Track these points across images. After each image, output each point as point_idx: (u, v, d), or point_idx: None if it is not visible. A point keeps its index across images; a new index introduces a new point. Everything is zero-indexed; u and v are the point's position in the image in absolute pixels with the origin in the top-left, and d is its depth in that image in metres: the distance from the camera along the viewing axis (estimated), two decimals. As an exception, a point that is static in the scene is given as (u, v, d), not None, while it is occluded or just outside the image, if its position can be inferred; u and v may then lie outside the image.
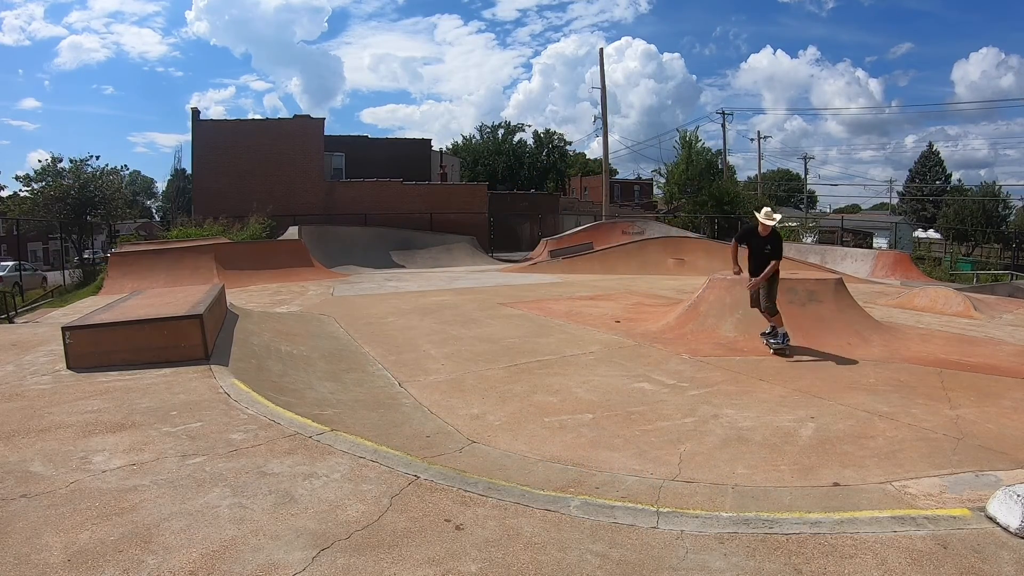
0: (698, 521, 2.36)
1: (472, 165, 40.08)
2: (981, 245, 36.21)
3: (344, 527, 2.25)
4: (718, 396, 4.53)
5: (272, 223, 19.42)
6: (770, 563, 2.05)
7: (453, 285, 12.83)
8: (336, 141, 26.54)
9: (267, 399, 3.93)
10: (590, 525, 2.33)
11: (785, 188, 53.66)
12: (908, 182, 51.41)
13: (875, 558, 2.07)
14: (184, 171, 41.36)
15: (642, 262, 15.92)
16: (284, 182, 22.55)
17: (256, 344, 5.73)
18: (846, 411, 4.15)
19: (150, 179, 66.10)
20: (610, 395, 4.58)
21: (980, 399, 4.41)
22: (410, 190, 23.75)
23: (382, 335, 7.11)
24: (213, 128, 23.71)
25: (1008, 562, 2.02)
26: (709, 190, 29.00)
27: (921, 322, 8.01)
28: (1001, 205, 40.51)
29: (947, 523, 2.31)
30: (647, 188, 52.48)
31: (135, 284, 11.70)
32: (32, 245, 35.12)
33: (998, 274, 22.84)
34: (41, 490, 2.53)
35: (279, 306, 9.76)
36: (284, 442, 3.14)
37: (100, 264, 19.01)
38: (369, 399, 4.59)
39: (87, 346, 4.67)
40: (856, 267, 16.93)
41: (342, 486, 2.61)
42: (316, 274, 14.89)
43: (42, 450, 2.98)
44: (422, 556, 2.06)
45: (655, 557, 2.10)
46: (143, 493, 2.51)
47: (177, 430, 3.29)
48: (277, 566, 1.98)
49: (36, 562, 1.99)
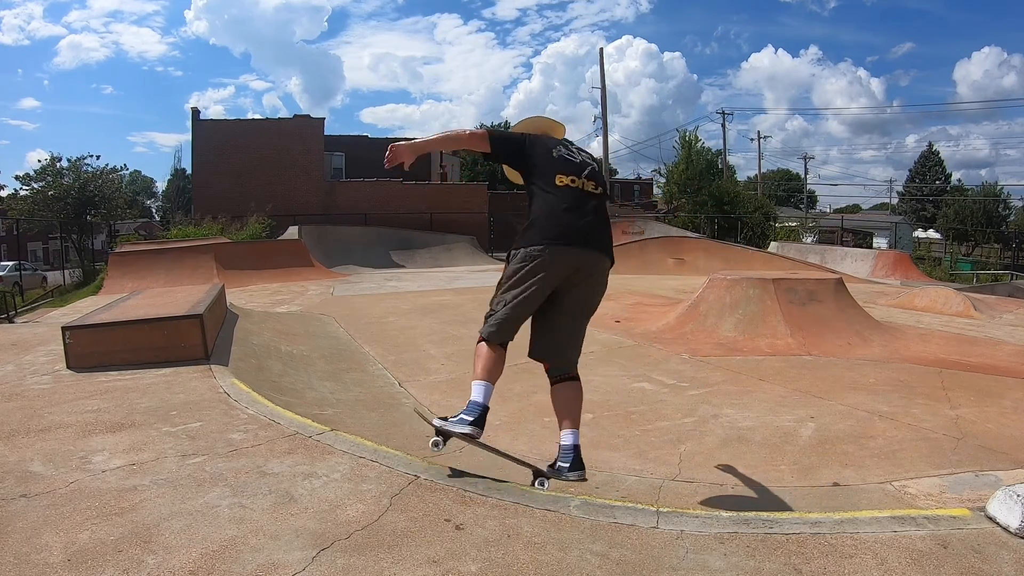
0: (698, 521, 2.36)
1: (472, 165, 40.07)
2: (981, 245, 36.23)
3: (344, 527, 2.25)
4: (718, 396, 4.53)
5: (272, 223, 19.44)
6: (770, 563, 2.05)
7: (453, 285, 12.83)
8: (336, 141, 26.56)
9: (267, 399, 3.93)
10: (590, 525, 2.33)
11: (785, 188, 53.65)
12: (908, 182, 51.45)
13: (875, 558, 2.07)
14: (184, 171, 41.45)
15: (642, 262, 15.91)
16: (284, 182, 22.56)
17: (256, 344, 5.73)
18: (846, 411, 4.15)
19: (150, 179, 66.23)
20: (610, 395, 4.58)
21: (980, 399, 4.41)
22: (410, 190, 23.76)
23: (382, 335, 7.11)
24: (213, 128, 23.72)
25: (1008, 562, 2.02)
26: (709, 190, 29.00)
27: (921, 322, 8.01)
28: (1001, 205, 40.51)
29: (947, 523, 2.31)
30: (647, 188, 52.46)
31: (135, 284, 11.70)
32: (32, 245, 35.10)
33: (998, 274, 22.86)
34: (41, 490, 2.52)
35: (279, 306, 9.76)
36: (284, 442, 3.14)
37: (100, 265, 19.00)
38: (369, 399, 4.59)
39: (87, 346, 4.67)
40: (856, 267, 16.94)
41: (342, 486, 2.61)
42: (316, 274, 14.89)
43: (42, 450, 2.98)
44: (422, 556, 2.06)
45: (655, 557, 2.10)
46: (143, 493, 2.51)
47: (177, 430, 3.29)
48: (277, 566, 1.98)
49: (36, 562, 1.99)
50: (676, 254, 16.25)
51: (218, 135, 23.03)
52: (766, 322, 6.49)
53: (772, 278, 6.97)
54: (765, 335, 6.33)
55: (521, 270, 2.53)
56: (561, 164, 2.67)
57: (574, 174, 2.64)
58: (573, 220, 2.53)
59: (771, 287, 6.71)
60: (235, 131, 23.41)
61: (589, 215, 2.58)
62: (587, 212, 2.58)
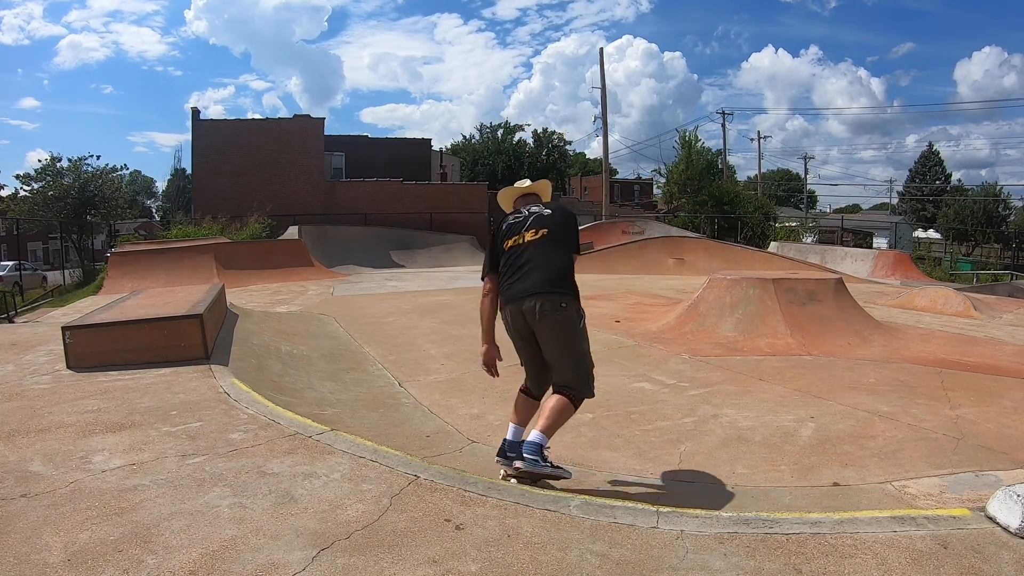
0: (698, 521, 2.36)
1: (472, 165, 40.09)
2: (981, 245, 36.23)
3: (344, 527, 2.25)
4: (718, 396, 4.53)
5: (272, 223, 19.43)
6: (770, 563, 2.05)
7: (453, 285, 12.83)
8: (336, 141, 26.54)
9: (267, 399, 3.93)
10: (590, 525, 2.33)
11: (785, 188, 53.65)
12: (908, 182, 51.44)
13: (875, 558, 2.07)
14: (184, 171, 41.43)
15: (642, 262, 15.91)
16: (284, 182, 22.55)
17: (256, 344, 5.73)
18: (846, 411, 4.15)
19: (150, 179, 66.23)
20: (610, 395, 4.58)
21: (980, 399, 4.41)
22: (410, 190, 23.75)
23: (382, 335, 7.11)
24: (213, 128, 23.71)
25: (1008, 562, 2.02)
26: (709, 190, 28.99)
27: (921, 322, 8.01)
28: (1001, 205, 40.50)
29: (947, 523, 2.31)
30: (647, 188, 52.49)
31: (135, 284, 11.70)
32: (32, 245, 35.11)
33: (998, 274, 22.85)
34: (41, 490, 2.52)
35: (279, 306, 9.76)
36: (284, 442, 3.14)
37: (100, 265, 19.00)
38: (369, 399, 4.59)
39: (87, 345, 4.67)
40: (856, 267, 16.94)
41: (342, 486, 2.61)
42: (316, 274, 14.89)
43: (42, 450, 2.98)
44: (422, 556, 2.06)
45: (655, 557, 2.10)
46: (143, 493, 2.51)
47: (177, 430, 3.29)
48: (277, 566, 1.98)
49: (36, 562, 1.99)
50: (676, 254, 16.25)
51: (218, 135, 23.03)
52: (766, 322, 6.49)
53: (772, 278, 6.97)
54: (765, 335, 6.33)
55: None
56: (506, 232, 3.01)
57: (516, 235, 2.95)
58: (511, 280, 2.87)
59: (771, 287, 6.71)
60: (235, 131, 23.40)
61: (524, 266, 2.84)
62: (522, 264, 2.85)
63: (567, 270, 2.86)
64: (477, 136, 43.88)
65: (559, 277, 2.81)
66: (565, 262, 2.87)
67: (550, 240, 2.88)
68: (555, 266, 2.83)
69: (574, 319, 2.83)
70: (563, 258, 2.87)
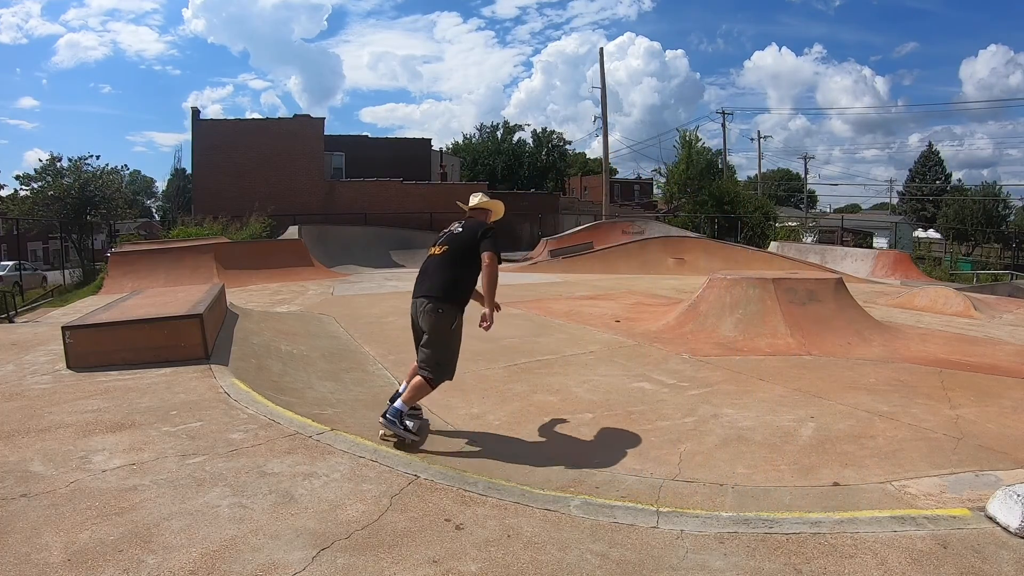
0: (698, 521, 2.36)
1: (472, 165, 40.11)
2: (981, 245, 36.24)
3: (344, 527, 2.25)
4: (718, 396, 4.53)
5: (272, 223, 19.42)
6: (770, 563, 2.05)
7: (453, 285, 12.82)
8: (336, 140, 26.55)
9: (267, 399, 3.93)
10: (590, 525, 2.33)
11: (785, 188, 53.64)
12: (908, 182, 51.44)
13: (875, 558, 2.07)
14: (184, 170, 41.38)
15: (642, 262, 15.92)
16: (284, 182, 22.54)
17: (256, 343, 5.73)
18: (846, 411, 4.15)
19: (150, 179, 66.19)
20: (610, 395, 4.58)
21: (980, 399, 4.41)
22: (410, 190, 23.75)
23: (382, 334, 7.11)
24: (213, 127, 23.70)
25: (1008, 562, 2.02)
26: (709, 190, 28.98)
27: (921, 322, 8.01)
28: (1001, 205, 40.51)
29: (947, 523, 2.31)
30: (647, 188, 52.47)
31: (135, 284, 11.70)
32: (32, 245, 35.11)
33: (998, 274, 22.83)
34: (41, 490, 2.53)
35: (279, 305, 9.76)
36: (284, 442, 3.14)
37: (100, 264, 18.99)
38: (369, 398, 4.59)
39: (87, 345, 4.67)
40: (856, 267, 16.92)
41: (342, 486, 2.61)
42: (316, 274, 14.88)
43: (42, 450, 2.98)
44: (422, 556, 2.06)
45: (655, 557, 2.10)
46: (143, 493, 2.51)
47: (177, 430, 3.29)
48: (277, 566, 1.98)
49: (36, 561, 1.99)
50: (676, 254, 16.25)
51: (218, 135, 23.02)
52: (766, 322, 6.49)
53: (772, 278, 6.97)
54: (765, 335, 6.33)
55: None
56: (434, 242, 3.72)
57: (434, 246, 3.65)
58: (417, 281, 3.56)
59: (771, 287, 6.71)
60: (235, 131, 23.39)
61: (425, 273, 3.54)
62: (425, 271, 3.56)
63: (454, 282, 3.44)
64: (477, 136, 43.95)
65: (444, 287, 3.43)
66: (454, 276, 3.46)
67: (448, 256, 3.52)
68: (443, 279, 3.46)
69: (447, 323, 3.42)
70: (453, 272, 3.47)
